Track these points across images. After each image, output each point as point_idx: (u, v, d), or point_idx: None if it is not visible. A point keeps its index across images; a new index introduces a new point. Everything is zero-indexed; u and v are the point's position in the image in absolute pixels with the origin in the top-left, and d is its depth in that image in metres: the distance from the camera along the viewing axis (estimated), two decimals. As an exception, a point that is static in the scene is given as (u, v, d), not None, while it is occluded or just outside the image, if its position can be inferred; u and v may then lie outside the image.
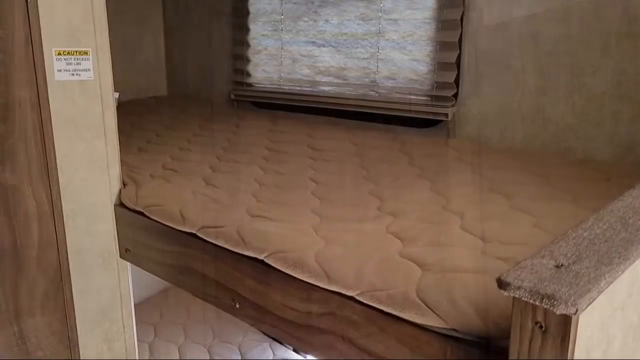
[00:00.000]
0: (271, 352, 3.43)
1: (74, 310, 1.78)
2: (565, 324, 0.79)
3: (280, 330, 1.37)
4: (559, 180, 1.74)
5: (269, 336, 3.57)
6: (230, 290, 1.48)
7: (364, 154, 2.19)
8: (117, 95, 1.81)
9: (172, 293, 3.93)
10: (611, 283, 0.87)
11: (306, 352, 1.43)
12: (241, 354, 3.42)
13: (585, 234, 0.97)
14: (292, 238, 1.38)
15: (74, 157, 1.70)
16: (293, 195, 1.74)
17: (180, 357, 3.39)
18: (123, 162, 1.95)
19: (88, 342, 1.83)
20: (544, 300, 0.78)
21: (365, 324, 1.16)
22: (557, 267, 0.85)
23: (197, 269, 1.57)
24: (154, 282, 3.90)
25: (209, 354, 3.42)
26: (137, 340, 3.21)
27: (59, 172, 1.67)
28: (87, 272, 1.79)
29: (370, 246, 1.31)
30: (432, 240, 1.34)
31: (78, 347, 1.80)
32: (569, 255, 0.89)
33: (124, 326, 1.90)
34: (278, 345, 3.50)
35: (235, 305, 1.48)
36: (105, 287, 1.84)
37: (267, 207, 1.63)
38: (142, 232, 1.76)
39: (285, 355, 3.41)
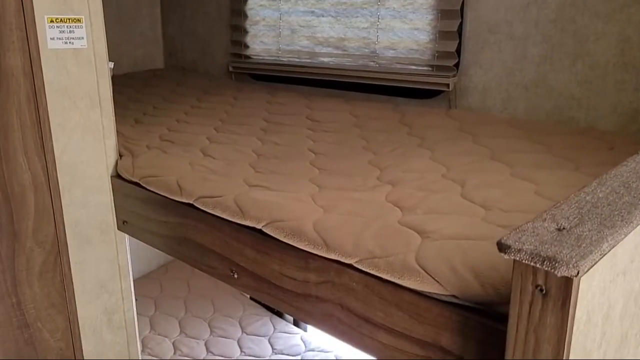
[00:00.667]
0: (272, 326, 3.44)
1: (72, 282, 1.77)
2: (567, 287, 0.78)
3: (278, 299, 1.36)
4: (561, 149, 1.71)
5: (269, 310, 3.58)
6: (229, 261, 1.47)
7: (364, 125, 2.16)
8: (112, 64, 1.77)
9: (172, 268, 3.94)
10: (614, 246, 0.85)
11: (304, 321, 1.43)
12: (241, 327, 3.44)
13: (587, 198, 0.96)
14: (290, 207, 1.36)
15: (68, 128, 1.68)
16: (291, 165, 1.72)
17: (180, 330, 3.41)
18: (119, 134, 1.92)
19: (87, 314, 1.83)
20: (545, 263, 0.76)
21: (364, 291, 1.15)
22: (559, 230, 0.84)
23: (195, 240, 1.56)
24: (153, 257, 3.91)
25: (210, 327, 3.44)
26: (138, 314, 3.22)
27: (53, 142, 1.65)
28: (84, 244, 1.78)
29: (369, 214, 1.30)
30: (432, 208, 1.32)
31: (77, 319, 1.80)
32: (570, 218, 0.87)
33: (123, 298, 1.90)
34: (278, 319, 3.51)
35: (233, 275, 1.47)
36: (104, 260, 1.83)
37: (265, 177, 1.61)
38: (139, 204, 1.74)
39: (286, 329, 3.42)
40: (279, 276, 1.33)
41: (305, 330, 3.43)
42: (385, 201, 1.39)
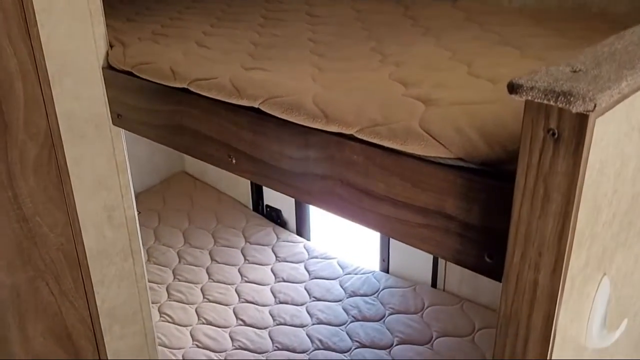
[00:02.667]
0: (275, 236, 3.47)
1: (69, 177, 1.74)
2: (581, 128, 0.73)
3: (276, 181, 1.33)
4: (574, 32, 1.62)
5: (272, 220, 3.60)
6: (226, 146, 1.43)
7: (366, 18, 2.06)
8: (95, -55, 1.66)
9: (175, 182, 3.94)
10: (633, 91, 0.80)
11: (305, 201, 1.41)
12: (245, 237, 3.46)
13: (605, 49, 0.89)
14: (288, 84, 1.30)
15: (54, 13, 1.59)
16: (290, 53, 1.65)
17: (185, 241, 3.44)
18: (110, 27, 1.84)
19: (87, 209, 1.81)
20: (559, 99, 0.71)
21: (365, 163, 1.11)
22: (574, 71, 0.78)
23: (191, 127, 1.51)
24: (155, 172, 3.90)
25: (213, 238, 3.47)
26: (142, 225, 3.23)
27: (39, 28, 1.57)
28: (79, 138, 1.73)
29: (371, 89, 1.24)
30: (438, 83, 1.26)
31: (77, 214, 1.78)
32: (587, 63, 0.81)
33: (122, 195, 1.87)
34: (281, 229, 3.54)
35: (231, 160, 1.43)
36: (100, 155, 1.79)
37: (262, 63, 1.54)
38: (133, 95, 1.68)
39: (289, 238, 3.45)
40: (277, 156, 1.29)
41: (308, 239, 3.46)
42: (389, 79, 1.32)
